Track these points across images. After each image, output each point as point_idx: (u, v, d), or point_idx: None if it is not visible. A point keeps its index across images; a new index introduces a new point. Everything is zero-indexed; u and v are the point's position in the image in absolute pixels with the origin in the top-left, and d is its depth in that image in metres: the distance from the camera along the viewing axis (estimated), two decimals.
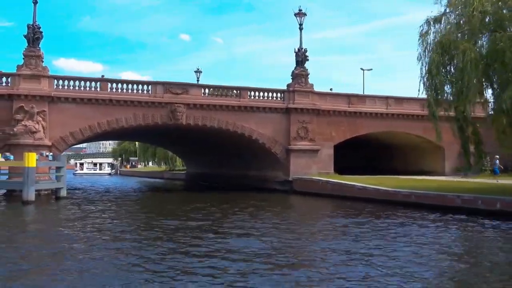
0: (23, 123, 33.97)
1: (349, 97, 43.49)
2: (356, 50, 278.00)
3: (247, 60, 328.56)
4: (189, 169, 67.04)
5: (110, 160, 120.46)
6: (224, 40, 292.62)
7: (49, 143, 34.82)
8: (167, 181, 68.40)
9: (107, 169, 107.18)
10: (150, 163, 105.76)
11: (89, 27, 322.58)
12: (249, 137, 40.19)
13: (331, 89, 47.72)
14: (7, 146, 34.26)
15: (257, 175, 45.81)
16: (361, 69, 65.48)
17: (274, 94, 41.49)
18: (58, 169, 30.91)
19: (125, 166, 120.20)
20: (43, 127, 34.53)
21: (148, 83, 38.21)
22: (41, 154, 30.26)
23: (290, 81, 42.06)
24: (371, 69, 62.82)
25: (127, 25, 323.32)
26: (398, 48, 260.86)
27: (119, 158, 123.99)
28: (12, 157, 30.08)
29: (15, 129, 33.71)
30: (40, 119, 34.50)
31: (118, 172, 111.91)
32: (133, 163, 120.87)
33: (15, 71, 35.13)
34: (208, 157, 55.74)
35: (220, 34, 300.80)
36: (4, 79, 35.16)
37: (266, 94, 41.27)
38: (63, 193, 30.93)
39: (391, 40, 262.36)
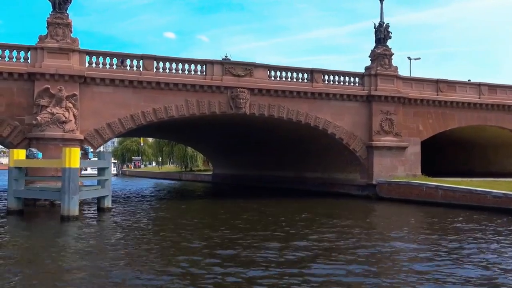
0: (48, 110, 25.90)
1: (437, 83, 35.89)
2: (344, 50, 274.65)
3: (236, 59, 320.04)
4: (217, 170, 58.99)
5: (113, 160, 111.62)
6: (211, 39, 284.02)
7: (81, 137, 26.83)
8: (187, 184, 60.31)
9: (113, 170, 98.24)
10: (155, 163, 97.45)
11: (78, 26, 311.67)
12: (323, 131, 32.48)
13: None
14: (27, 140, 26.25)
15: (321, 178, 38.18)
16: (408, 58, 58.21)
17: (352, 79, 33.80)
18: (101, 170, 22.87)
19: (129, 166, 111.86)
20: (74, 116, 26.50)
21: (203, 62, 30.26)
22: (85, 150, 22.28)
23: (362, 64, 34.44)
24: (419, 58, 54.77)
25: (115, 24, 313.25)
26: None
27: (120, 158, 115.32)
28: (40, 154, 22.05)
29: (38, 118, 25.62)
30: (70, 105, 26.45)
31: (121, 172, 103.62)
32: (135, 163, 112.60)
33: (36, 43, 27.10)
34: (248, 156, 47.83)
35: (208, 33, 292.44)
36: (22, 53, 27.08)
37: (342, 78, 33.56)
38: (108, 203, 22.95)
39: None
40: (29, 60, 26.91)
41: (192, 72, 30.07)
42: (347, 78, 33.61)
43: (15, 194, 21.09)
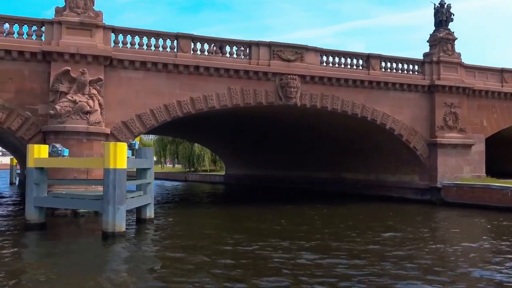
0: (69, 97, 21.09)
1: (502, 73, 31.79)
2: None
3: None
4: (230, 170, 54.17)
5: None
6: None
7: (107, 131, 22.09)
8: (194, 185, 55.44)
9: None
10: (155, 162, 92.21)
11: None
12: (380, 126, 28.13)
13: None
14: (41, 134, 21.46)
15: (364, 180, 33.85)
16: None
17: (411, 66, 29.49)
18: (143, 171, 18.05)
19: None
20: (99, 105, 21.73)
21: (248, 43, 25.64)
22: (131, 145, 17.53)
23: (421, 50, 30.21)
24: None
25: None
26: (371, 48, 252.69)
27: None
28: (66, 151, 17.23)
29: (57, 107, 20.80)
30: (95, 92, 21.67)
31: None
32: None
33: (52, 17, 22.27)
34: (270, 155, 43.20)
35: (194, 32, 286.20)
36: (34, 28, 22.21)
37: (401, 65, 29.23)
38: (150, 212, 18.19)
39: (365, 39, 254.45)
40: (43, 37, 22.08)
41: (235, 56, 25.46)
42: (405, 66, 29.27)
43: (36, 202, 16.30)
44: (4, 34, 21.51)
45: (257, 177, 47.38)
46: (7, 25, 21.73)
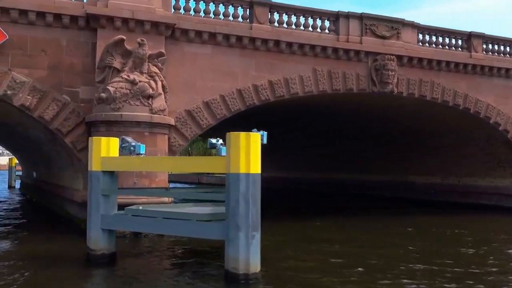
0: (124, 76, 15.65)
1: None
2: None
3: None
4: None
5: None
6: None
7: (172, 121, 16.71)
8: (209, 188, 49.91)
9: None
10: None
11: None
12: (485, 120, 23.17)
13: None
14: (84, 125, 16.06)
15: (441, 184, 28.92)
16: None
17: None
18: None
19: None
20: (163, 88, 16.34)
21: (335, 15, 20.41)
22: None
23: None
24: None
25: None
26: None
27: None
28: (143, 147, 11.80)
29: (110, 89, 15.33)
30: (156, 70, 16.27)
31: None
32: None
33: None
34: (307, 154, 37.85)
35: None
36: None
37: (503, 48, 24.28)
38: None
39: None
40: None
41: (319, 30, 20.28)
42: (507, 48, 24.38)
43: (105, 223, 10.90)
44: None
45: (290, 180, 42.18)
46: None
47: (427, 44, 22.28)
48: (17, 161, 44.37)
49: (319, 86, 19.62)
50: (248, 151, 9.25)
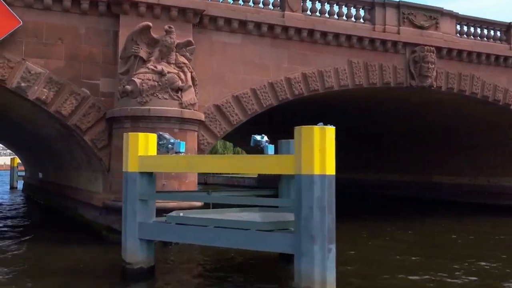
0: (151, 66, 14.12)
1: None
2: None
3: None
4: None
5: None
6: None
7: (202, 117, 15.20)
8: (216, 189, 48.43)
9: None
10: None
11: None
12: None
13: None
14: (104, 122, 14.57)
15: (470, 185, 27.47)
16: None
17: None
18: (292, 180, 11.15)
19: None
20: (192, 80, 14.83)
21: (370, 3, 18.88)
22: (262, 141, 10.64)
23: None
24: None
25: None
26: None
27: None
28: (182, 144, 10.31)
29: (136, 80, 13.81)
30: (185, 61, 14.76)
31: None
32: None
33: None
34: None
35: None
36: None
37: None
38: None
39: None
40: None
41: (353, 19, 18.81)
42: None
43: (144, 233, 9.39)
44: None
45: None
46: None
47: (465, 36, 20.86)
48: (19, 161, 42.80)
49: (355, 79, 18.15)
50: (323, 148, 7.76)
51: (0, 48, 13.66)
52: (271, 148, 10.50)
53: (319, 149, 7.74)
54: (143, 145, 9.70)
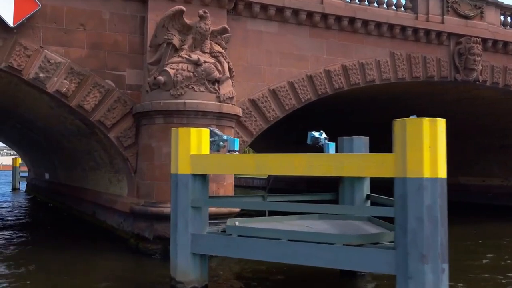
0: (185, 55, 12.63)
1: None
2: None
3: None
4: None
5: None
6: None
7: (239, 112, 13.72)
8: None
9: None
10: None
11: None
12: None
13: None
14: (131, 117, 13.11)
15: (500, 186, 26.10)
16: None
17: None
18: (358, 182, 9.71)
19: None
20: (229, 70, 13.36)
21: None
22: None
23: None
24: None
25: None
26: None
27: None
28: (237, 142, 8.87)
29: (170, 71, 12.28)
30: (220, 50, 13.28)
31: None
32: None
33: None
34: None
35: None
36: None
37: None
38: None
39: None
40: None
41: (394, 7, 17.37)
42: None
43: (196, 246, 7.92)
44: None
45: (319, 181, 39.16)
46: None
47: (509, 27, 19.48)
48: (22, 161, 41.23)
49: (397, 72, 16.71)
50: (434, 145, 6.32)
51: (16, 34, 12.17)
52: (332, 146, 9.07)
53: (429, 146, 6.29)
54: (195, 143, 8.22)
